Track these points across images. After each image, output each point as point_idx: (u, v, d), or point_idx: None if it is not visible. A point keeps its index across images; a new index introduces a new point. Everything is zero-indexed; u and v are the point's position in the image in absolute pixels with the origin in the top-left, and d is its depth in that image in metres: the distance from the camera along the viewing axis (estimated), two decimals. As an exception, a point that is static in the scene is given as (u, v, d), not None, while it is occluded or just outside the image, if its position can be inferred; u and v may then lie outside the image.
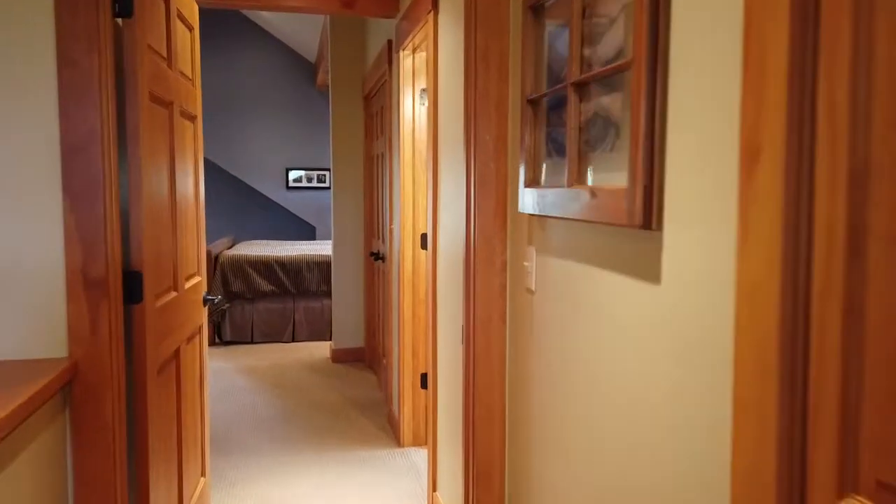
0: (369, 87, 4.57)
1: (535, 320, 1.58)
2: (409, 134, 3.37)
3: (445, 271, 2.46)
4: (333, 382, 4.61)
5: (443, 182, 2.50)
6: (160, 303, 1.91)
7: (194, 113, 2.43)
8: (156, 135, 1.90)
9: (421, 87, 3.33)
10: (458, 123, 2.17)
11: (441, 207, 2.54)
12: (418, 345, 3.45)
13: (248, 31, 8.00)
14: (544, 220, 1.51)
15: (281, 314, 5.88)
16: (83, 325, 1.59)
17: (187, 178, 2.31)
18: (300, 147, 8.34)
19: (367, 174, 5.01)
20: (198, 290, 2.44)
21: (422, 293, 3.43)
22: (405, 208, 3.40)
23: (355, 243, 5.16)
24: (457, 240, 2.21)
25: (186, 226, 2.29)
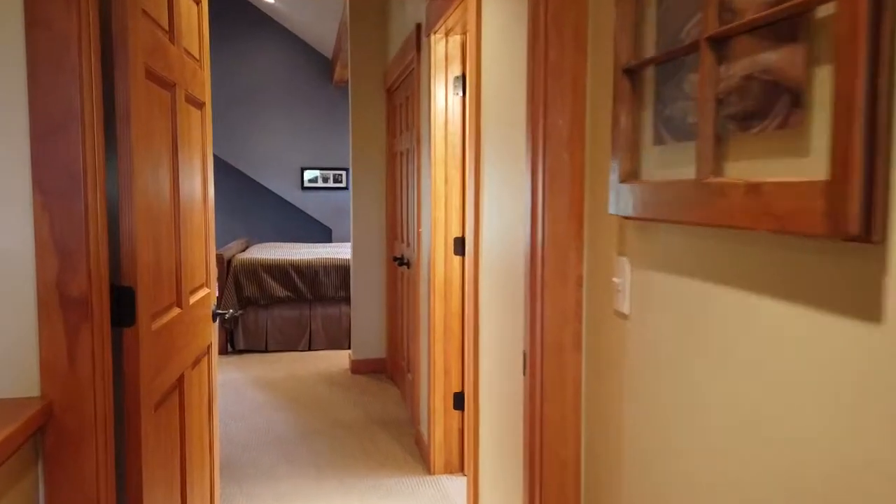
0: (392, 79, 4.24)
1: (629, 353, 1.24)
2: (441, 127, 3.03)
3: (492, 282, 2.12)
4: (354, 397, 4.28)
5: (487, 179, 2.16)
6: (158, 323, 1.58)
7: (202, 100, 2.10)
8: (154, 120, 1.58)
9: (455, 75, 2.99)
10: (514, 108, 1.83)
11: (485, 208, 2.20)
12: (451, 362, 3.10)
13: (262, 26, 7.71)
14: (648, 224, 1.16)
15: (297, 321, 5.56)
16: (59, 355, 1.26)
17: (193, 174, 1.98)
18: (316, 146, 8.03)
19: (390, 172, 4.68)
20: (206, 304, 2.12)
21: (455, 304, 3.09)
22: (436, 210, 3.06)
23: (376, 247, 4.83)
24: (512, 247, 1.87)
25: (192, 230, 1.97)
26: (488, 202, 2.16)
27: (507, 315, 1.94)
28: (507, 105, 1.91)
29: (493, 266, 2.12)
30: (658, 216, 1.07)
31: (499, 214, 2.02)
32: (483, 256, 2.24)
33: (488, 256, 2.17)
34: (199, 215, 2.07)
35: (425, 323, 3.34)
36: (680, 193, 1.00)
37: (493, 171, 2.10)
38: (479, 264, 2.28)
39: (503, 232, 1.97)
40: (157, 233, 1.59)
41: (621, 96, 1.20)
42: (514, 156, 1.83)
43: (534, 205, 1.49)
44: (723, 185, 0.90)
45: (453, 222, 3.06)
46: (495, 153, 2.06)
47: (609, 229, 1.34)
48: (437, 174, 3.05)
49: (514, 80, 1.84)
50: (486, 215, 2.20)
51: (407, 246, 4.04)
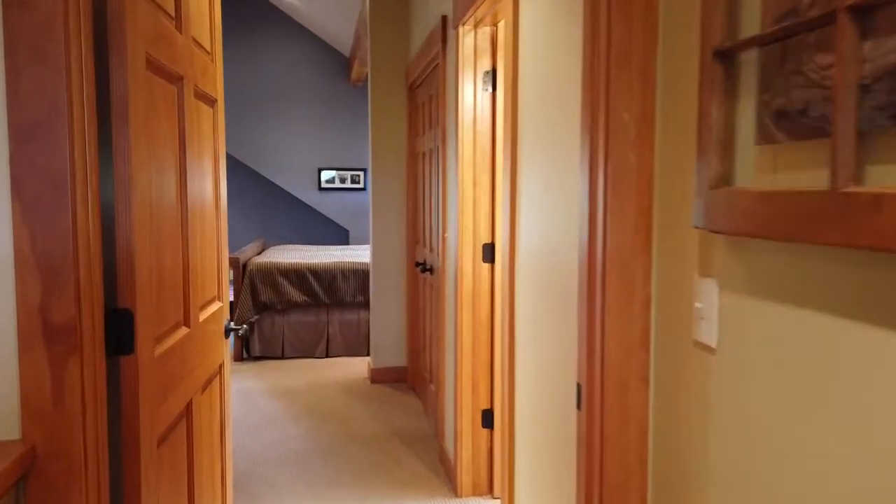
0: (415, 76, 4.05)
1: (714, 395, 1.03)
2: (469, 126, 2.83)
3: (531, 295, 1.91)
4: (374, 408, 4.09)
5: (525, 181, 1.96)
6: (162, 348, 1.40)
7: (214, 96, 1.92)
8: (157, 117, 1.39)
9: (484, 70, 2.79)
10: (561, 104, 1.63)
11: (522, 214, 2.00)
12: (479, 376, 2.90)
13: (278, 23, 7.55)
14: (749, 242, 0.96)
15: (314, 327, 5.39)
16: (42, 392, 1.08)
17: (204, 177, 1.80)
18: (333, 146, 7.86)
19: (411, 174, 4.49)
20: (218, 320, 1.93)
21: (484, 314, 2.89)
22: (464, 214, 2.86)
23: (396, 251, 4.64)
24: (557, 258, 1.67)
25: (203, 239, 1.78)
26: (526, 207, 1.96)
27: (551, 332, 1.74)
28: (552, 100, 1.70)
29: (531, 277, 1.92)
30: (767, 232, 0.86)
31: (539, 221, 1.82)
32: (520, 266, 2.04)
33: (526, 266, 1.97)
34: (211, 222, 1.89)
35: (451, 334, 3.14)
36: (804, 206, 0.79)
37: (532, 174, 1.90)
38: (516, 274, 2.08)
39: (545, 241, 1.77)
40: (160, 245, 1.40)
41: (711, 84, 0.99)
42: (562, 157, 1.63)
43: (592, 213, 1.29)
44: (875, 196, 0.69)
45: (482, 228, 2.86)
46: (535, 154, 1.86)
47: (687, 244, 1.13)
48: (464, 176, 2.85)
49: (560, 72, 1.64)
50: (523, 221, 2.00)
51: (430, 251, 3.84)
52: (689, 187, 1.11)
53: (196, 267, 1.68)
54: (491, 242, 2.86)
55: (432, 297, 3.78)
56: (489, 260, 2.86)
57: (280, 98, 7.63)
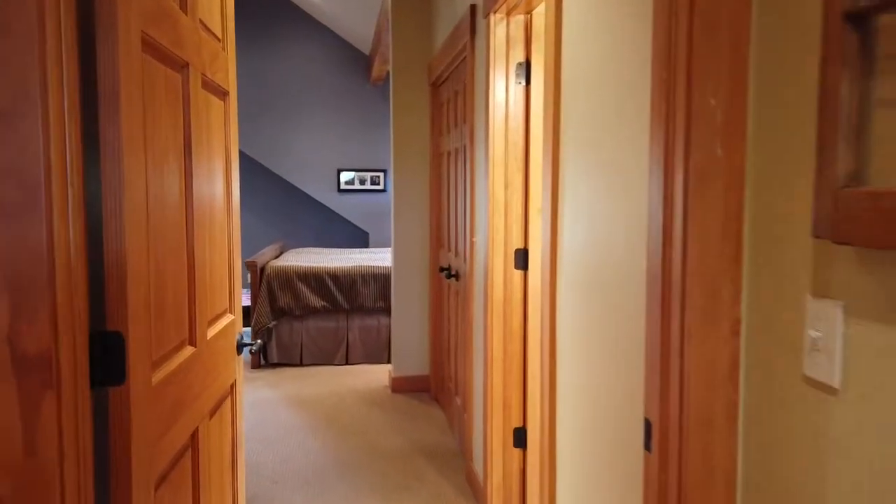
0: (439, 71, 3.85)
1: (834, 445, 0.82)
2: (501, 122, 2.63)
3: (578, 308, 1.70)
4: (396, 420, 3.90)
5: (570, 181, 1.75)
6: (163, 373, 1.22)
7: (226, 87, 1.74)
8: (157, 107, 1.21)
9: (517, 62, 2.59)
10: (618, 92, 1.42)
11: (565, 217, 1.79)
12: (511, 392, 2.70)
13: (298, 21, 7.41)
14: (889, 256, 0.75)
15: (333, 333, 5.22)
16: (12, 436, 0.89)
17: (213, 176, 1.62)
18: (353, 147, 7.70)
19: (434, 174, 4.29)
20: (229, 335, 1.75)
21: (515, 325, 2.69)
22: (494, 217, 2.66)
23: (419, 255, 4.45)
24: (618, 267, 1.46)
25: (212, 245, 1.60)
26: (570, 209, 1.75)
27: (603, 350, 1.53)
28: (605, 88, 1.49)
29: (577, 286, 1.71)
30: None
31: (588, 225, 1.61)
32: (562, 274, 1.83)
33: (569, 274, 1.76)
34: (221, 227, 1.71)
35: (480, 345, 2.94)
36: None
37: (578, 172, 1.69)
38: (557, 284, 1.87)
39: (596, 247, 1.56)
40: (161, 255, 1.22)
41: (841, 57, 0.78)
42: (619, 152, 1.42)
43: (667, 218, 1.08)
44: None
45: (514, 232, 2.66)
46: (582, 150, 1.65)
47: (793, 257, 0.92)
48: (495, 177, 2.65)
49: (617, 55, 1.43)
50: (566, 225, 1.79)
51: (455, 256, 3.65)
52: (797, 187, 0.90)
53: (203, 278, 1.49)
54: (524, 248, 2.66)
55: (457, 305, 3.58)
56: (522, 266, 2.65)
57: (299, 98, 7.48)
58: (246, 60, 7.25)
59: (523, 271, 2.67)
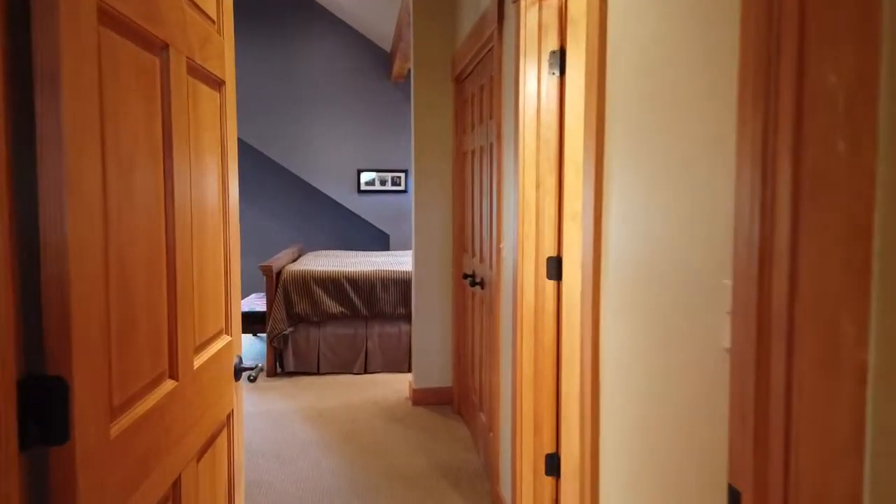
0: (463, 65, 3.62)
1: None
2: (532, 118, 2.38)
3: (629, 326, 1.45)
4: (416, 437, 3.67)
5: (617, 181, 1.50)
6: (128, 420, 0.99)
7: (221, 76, 1.52)
8: (123, 95, 0.99)
9: (550, 50, 2.34)
10: (693, 71, 1.17)
11: (612, 221, 1.54)
12: (542, 413, 2.45)
13: (316, 17, 7.22)
14: None
15: (351, 341, 5.00)
16: None
17: (204, 178, 1.40)
18: (373, 146, 7.49)
19: (458, 175, 4.06)
20: (224, 359, 1.53)
21: (548, 340, 2.44)
22: (525, 222, 2.41)
23: (441, 261, 4.21)
24: (688, 283, 1.21)
25: (203, 258, 1.38)
26: (617, 212, 1.51)
27: (665, 380, 1.28)
28: (666, 71, 1.24)
29: (625, 304, 1.46)
30: None
31: (641, 230, 1.36)
32: (607, 286, 1.58)
33: (616, 287, 1.51)
34: (215, 234, 1.48)
35: (507, 361, 2.69)
36: None
37: (627, 171, 1.44)
38: (601, 298, 1.62)
39: (653, 258, 1.31)
40: (128, 271, 1.00)
41: None
42: (686, 147, 1.17)
43: (765, 234, 0.83)
44: None
45: (546, 238, 2.41)
46: (633, 146, 1.40)
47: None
48: (525, 177, 2.40)
49: (679, 31, 1.18)
50: (611, 231, 1.54)
51: (480, 262, 3.40)
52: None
53: (188, 296, 1.27)
54: (556, 256, 2.41)
55: (482, 314, 3.34)
56: (555, 276, 2.40)
57: (317, 96, 7.30)
58: (263, 58, 7.08)
59: (556, 282, 2.42)
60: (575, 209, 2.35)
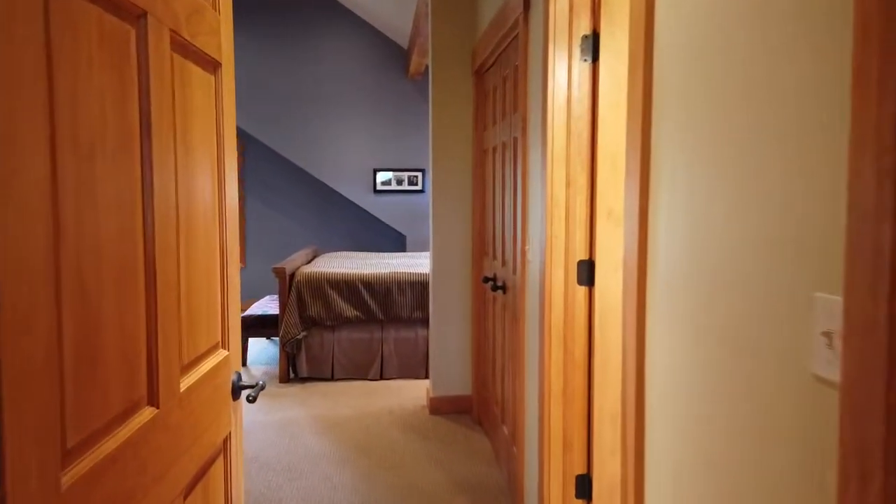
0: (484, 56, 3.42)
1: None
2: (562, 108, 2.18)
3: (682, 341, 1.25)
4: (434, 450, 3.48)
5: (667, 175, 1.30)
6: (88, 462, 0.82)
7: (216, 57, 1.34)
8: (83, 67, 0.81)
9: (582, 34, 2.14)
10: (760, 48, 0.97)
11: (661, 220, 1.34)
12: (572, 432, 2.25)
13: (331, 13, 7.07)
14: None
15: (367, 346, 4.83)
16: None
17: (195, 172, 1.22)
18: (390, 145, 7.32)
19: (478, 173, 3.86)
20: (220, 376, 1.35)
21: (579, 352, 2.24)
22: (553, 222, 2.22)
23: (460, 263, 4.02)
24: (766, 301, 1.00)
25: (194, 263, 1.20)
26: (666, 212, 1.31)
27: (729, 415, 1.08)
28: (738, 50, 1.04)
29: (678, 315, 1.26)
30: None
31: (703, 235, 1.16)
32: (654, 295, 1.38)
33: (665, 295, 1.31)
34: (209, 236, 1.31)
35: (534, 373, 2.49)
36: None
37: (682, 162, 1.24)
38: (647, 309, 1.42)
39: (720, 265, 1.11)
40: (87, 287, 0.82)
41: None
42: (761, 136, 0.97)
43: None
44: None
45: (577, 240, 2.21)
46: (689, 135, 1.20)
47: None
48: (554, 174, 2.20)
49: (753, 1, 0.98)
50: (659, 230, 1.34)
51: (502, 265, 3.21)
52: None
53: (171, 310, 1.09)
54: (589, 259, 2.21)
55: (505, 320, 3.14)
56: (586, 282, 2.20)
57: (333, 94, 7.14)
58: (276, 54, 6.94)
59: (588, 287, 2.22)
60: (609, 207, 2.15)
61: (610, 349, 2.18)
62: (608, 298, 2.17)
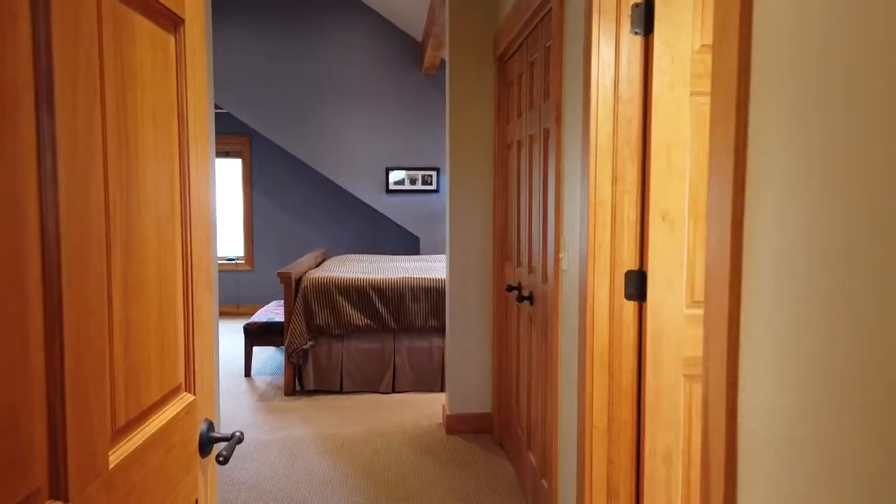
0: (508, 41, 3.09)
1: None
2: (608, 91, 1.84)
3: (819, 389, 0.91)
4: (452, 476, 3.14)
5: (770, 165, 0.96)
6: None
7: (176, 11, 1.02)
8: None
9: (633, 2, 1.80)
10: None
11: (763, 223, 1.00)
12: (618, 474, 1.90)
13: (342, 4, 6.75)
14: None
15: (378, 356, 4.50)
16: None
17: (143, 168, 0.89)
18: (403, 143, 6.99)
19: (500, 170, 3.52)
20: (180, 431, 1.02)
21: (626, 380, 1.90)
22: (596, 226, 1.88)
23: (479, 269, 3.69)
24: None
25: (139, 291, 0.88)
26: (774, 212, 0.96)
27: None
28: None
29: (798, 343, 0.92)
30: None
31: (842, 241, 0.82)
32: (753, 319, 1.04)
33: (771, 321, 0.97)
34: (164, 252, 0.98)
35: (571, 403, 2.15)
36: None
37: (796, 151, 0.90)
38: (742, 333, 1.08)
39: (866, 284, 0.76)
40: None
41: None
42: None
43: None
44: None
45: (625, 247, 1.87)
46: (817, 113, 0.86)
47: None
48: (597, 169, 1.86)
49: None
50: (759, 238, 1.00)
51: (528, 273, 2.87)
52: None
53: (93, 355, 0.76)
54: (639, 269, 1.86)
55: (532, 334, 2.80)
56: (636, 296, 1.86)
57: (344, 89, 6.82)
58: (285, 49, 6.64)
59: (638, 302, 1.88)
60: (664, 208, 1.80)
61: (664, 376, 1.84)
62: (662, 315, 1.83)
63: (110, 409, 0.81)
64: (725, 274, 1.08)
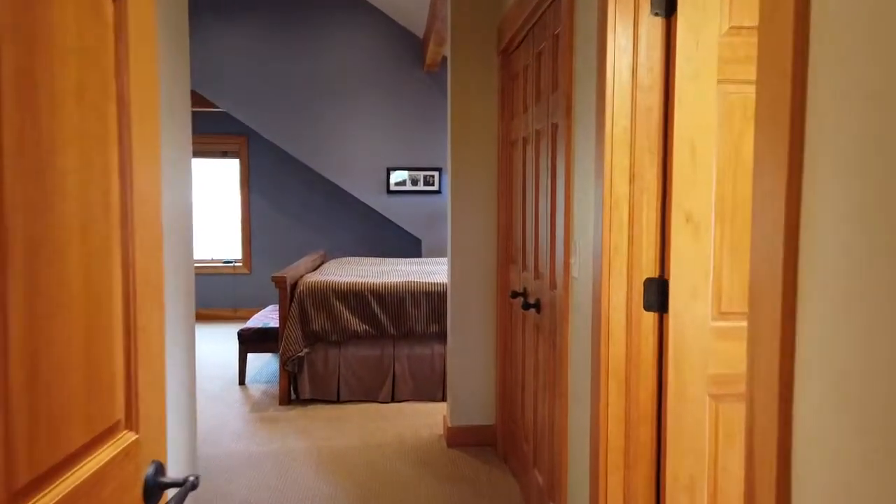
0: (512, 32, 2.90)
1: None
2: (625, 79, 1.66)
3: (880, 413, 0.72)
4: (452, 492, 2.96)
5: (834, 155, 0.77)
6: None
7: (114, -30, 0.83)
8: None
9: (653, -21, 1.61)
10: None
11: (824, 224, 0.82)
12: (636, 501, 1.72)
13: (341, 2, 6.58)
14: None
15: (376, 364, 4.32)
16: None
17: (63, 163, 0.71)
18: (404, 143, 6.81)
19: (504, 169, 3.34)
20: (113, 481, 0.84)
21: (645, 398, 1.71)
22: (612, 229, 1.69)
23: (482, 273, 3.50)
24: None
25: (54, 312, 0.70)
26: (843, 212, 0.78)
27: None
28: None
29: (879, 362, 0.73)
30: None
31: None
32: (812, 334, 0.86)
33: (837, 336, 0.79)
34: (90, 262, 0.80)
35: (583, 422, 1.97)
36: None
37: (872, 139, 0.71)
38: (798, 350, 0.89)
39: None
40: None
41: None
42: None
43: None
44: None
45: (644, 252, 1.68)
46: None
47: None
48: (613, 166, 1.68)
49: None
50: (818, 241, 0.82)
51: (535, 278, 2.68)
52: None
53: None
54: (660, 277, 1.68)
55: (539, 343, 2.62)
56: (657, 306, 1.68)
57: (343, 88, 6.64)
58: (283, 46, 6.47)
59: (658, 313, 1.69)
60: (688, 210, 1.62)
61: (687, 394, 1.66)
62: (686, 328, 1.64)
63: (2, 467, 0.63)
64: (774, 276, 0.90)
